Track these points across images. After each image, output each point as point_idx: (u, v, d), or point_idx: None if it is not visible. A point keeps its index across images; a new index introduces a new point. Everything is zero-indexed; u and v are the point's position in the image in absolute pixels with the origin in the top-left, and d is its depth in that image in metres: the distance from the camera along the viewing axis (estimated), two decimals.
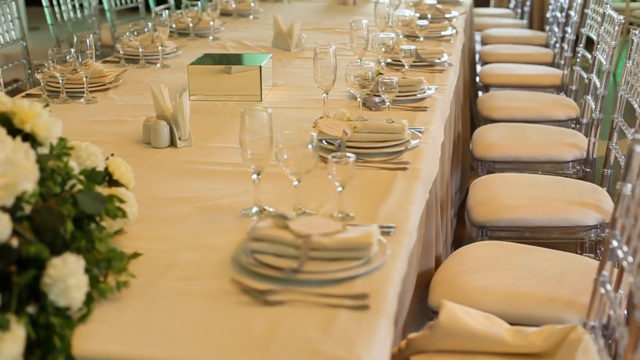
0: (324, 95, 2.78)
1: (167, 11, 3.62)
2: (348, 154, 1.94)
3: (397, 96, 2.94)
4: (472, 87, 5.34)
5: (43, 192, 1.55)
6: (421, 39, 3.98)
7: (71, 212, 1.58)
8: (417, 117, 2.78)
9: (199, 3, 4.38)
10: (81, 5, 4.95)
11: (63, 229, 1.54)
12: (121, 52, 3.69)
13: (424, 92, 3.04)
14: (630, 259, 1.67)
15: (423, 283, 2.43)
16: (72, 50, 2.98)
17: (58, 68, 2.98)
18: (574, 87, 4.44)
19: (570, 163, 3.54)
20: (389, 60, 3.47)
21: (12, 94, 2.94)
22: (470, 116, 4.91)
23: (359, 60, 3.33)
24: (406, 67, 3.33)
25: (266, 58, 3.20)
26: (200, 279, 1.67)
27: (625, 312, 1.94)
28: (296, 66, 3.67)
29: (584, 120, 3.78)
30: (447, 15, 4.79)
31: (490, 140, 3.66)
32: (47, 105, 1.68)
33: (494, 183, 3.15)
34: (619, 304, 1.82)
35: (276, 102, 3.05)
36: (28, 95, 3.15)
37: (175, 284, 1.66)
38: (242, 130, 1.95)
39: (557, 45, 5.30)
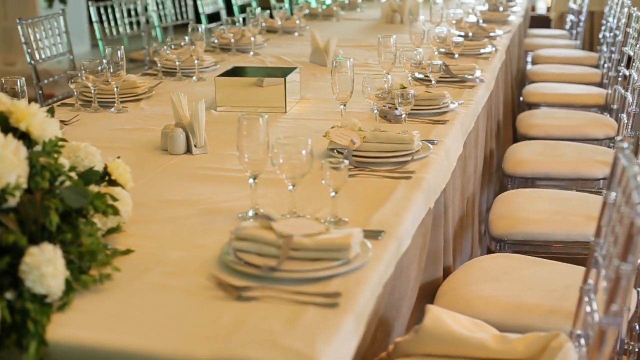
0: (342, 107, 2.83)
1: (202, 26, 3.71)
2: (342, 160, 1.98)
3: (418, 109, 2.99)
4: (517, 106, 5.33)
5: (32, 186, 1.63)
6: (456, 55, 4.00)
7: (59, 206, 1.65)
8: (434, 130, 2.81)
9: (241, 19, 4.47)
10: (135, 22, 5.11)
11: (48, 222, 1.61)
12: (159, 65, 3.79)
13: (447, 106, 3.06)
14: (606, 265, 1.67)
15: (430, 292, 2.45)
16: (105, 61, 3.08)
17: (90, 78, 3.09)
18: (615, 106, 4.40)
19: (601, 181, 3.52)
20: (420, 76, 3.50)
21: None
22: (513, 134, 4.89)
23: (387, 75, 3.36)
24: (433, 81, 3.36)
25: (293, 72, 3.26)
26: (183, 275, 1.72)
27: None
28: (328, 81, 3.71)
29: (618, 139, 3.74)
30: (491, 34, 4.79)
31: (521, 157, 3.66)
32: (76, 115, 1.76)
33: (516, 198, 3.15)
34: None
35: (300, 114, 3.11)
36: (63, 105, 3.27)
37: (158, 278, 1.71)
38: (239, 136, 2.01)
39: (605, 65, 5.25)
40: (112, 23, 4.99)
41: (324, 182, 1.99)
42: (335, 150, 2.49)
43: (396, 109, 2.96)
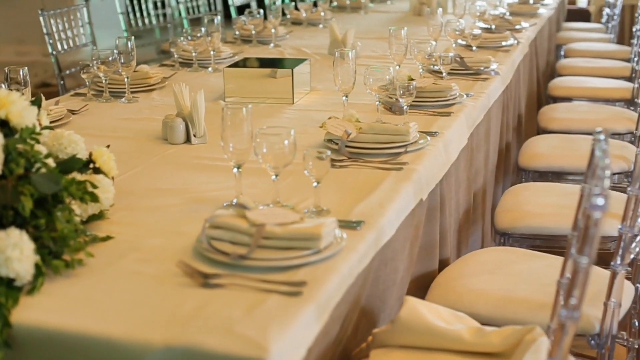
0: (344, 98, 2.83)
1: (218, 17, 3.73)
2: (325, 151, 1.99)
3: (424, 101, 2.99)
4: (544, 100, 5.27)
5: (5, 172, 1.66)
6: (474, 48, 3.97)
7: (33, 192, 1.68)
8: (436, 122, 2.79)
9: (261, 11, 4.48)
10: (162, 15, 5.16)
11: (21, 207, 1.64)
12: (176, 55, 3.83)
13: (455, 99, 3.04)
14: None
15: (425, 284, 2.44)
16: (115, 51, 3.12)
17: (102, 68, 3.12)
18: (639, 100, 4.34)
19: (616, 175, 3.47)
20: (436, 68, 3.48)
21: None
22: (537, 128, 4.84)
23: (397, 66, 3.36)
24: (444, 73, 3.34)
25: (302, 63, 3.26)
26: (156, 262, 1.74)
27: None
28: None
29: (638, 133, 3.69)
30: (517, 27, 4.75)
31: (536, 151, 3.63)
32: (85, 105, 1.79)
33: (524, 191, 3.12)
34: None
35: (307, 105, 3.12)
36: (76, 94, 3.32)
37: (131, 265, 1.74)
38: (223, 125, 2.02)
39: (635, 59, 5.16)
40: (138, 14, 5.04)
41: (306, 172, 1.99)
42: (332, 141, 2.50)
43: (397, 100, 2.95)
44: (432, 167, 2.43)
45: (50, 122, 2.71)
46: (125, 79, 3.18)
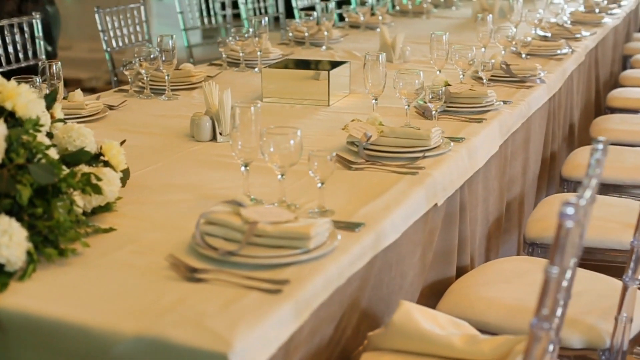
0: (374, 101, 2.83)
1: (266, 19, 3.77)
2: (330, 152, 2.00)
3: (458, 107, 2.97)
4: (603, 111, 5.16)
5: (5, 162, 1.72)
6: (523, 55, 3.92)
7: (33, 181, 1.73)
8: (466, 128, 2.77)
9: (314, 13, 4.51)
10: (230, 15, 5.24)
11: (18, 195, 1.70)
12: (224, 55, 3.88)
13: (492, 105, 3.01)
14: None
15: (440, 291, 2.42)
16: (157, 49, 3.18)
17: (144, 65, 3.19)
18: None
19: None
20: (480, 74, 3.45)
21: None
22: None
23: (438, 72, 3.34)
24: (484, 80, 3.31)
25: (341, 65, 3.28)
26: (150, 255, 1.77)
27: None
28: (388, 76, 3.71)
29: None
30: (576, 35, 4.67)
31: (580, 161, 3.56)
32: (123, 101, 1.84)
33: (558, 201, 3.07)
34: None
35: (343, 107, 3.12)
36: (120, 90, 3.39)
37: (125, 257, 1.77)
38: (232, 124, 2.05)
39: None
40: (205, 14, 5.11)
41: (311, 173, 2.00)
42: (353, 144, 2.50)
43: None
44: (450, 173, 2.41)
45: (86, 117, 2.81)
46: (166, 77, 3.24)
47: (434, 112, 2.73)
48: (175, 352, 1.44)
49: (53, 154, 1.82)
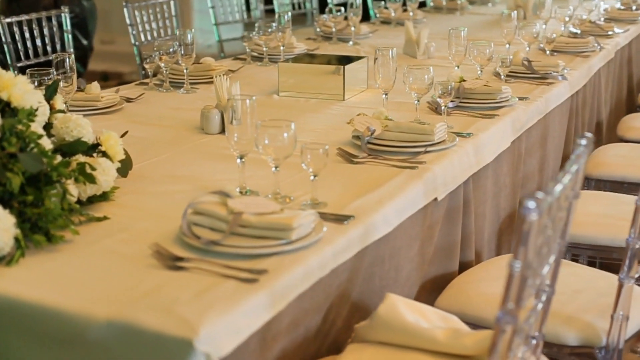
0: (384, 96, 2.84)
1: (289, 14, 3.79)
2: (322, 145, 2.01)
3: (471, 102, 2.96)
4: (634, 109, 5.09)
5: None
6: (547, 52, 3.89)
7: (24, 170, 1.78)
8: (476, 123, 2.76)
9: (342, 9, 4.51)
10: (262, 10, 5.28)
11: (9, 183, 1.74)
12: (248, 49, 3.91)
13: (505, 101, 3.00)
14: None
15: (442, 286, 2.43)
16: (176, 43, 3.23)
17: (163, 59, 3.24)
18: None
19: None
20: (498, 70, 3.44)
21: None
22: None
23: (456, 68, 3.33)
24: (502, 76, 3.29)
25: (358, 61, 3.29)
26: (138, 243, 1.80)
27: None
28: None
29: None
30: (608, 33, 4.61)
31: (602, 159, 3.53)
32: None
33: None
34: None
35: (358, 102, 3.13)
36: (141, 83, 3.44)
37: (113, 245, 1.81)
38: (226, 117, 2.08)
39: None
40: (235, 8, 5.15)
41: (303, 165, 2.02)
42: (358, 138, 2.51)
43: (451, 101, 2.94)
44: (453, 168, 2.41)
45: (102, 109, 2.85)
46: (185, 70, 3.28)
47: (443, 108, 2.73)
48: (144, 336, 1.47)
49: (47, 143, 1.87)
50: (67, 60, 2.65)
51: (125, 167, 2.22)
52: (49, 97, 2.09)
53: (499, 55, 3.32)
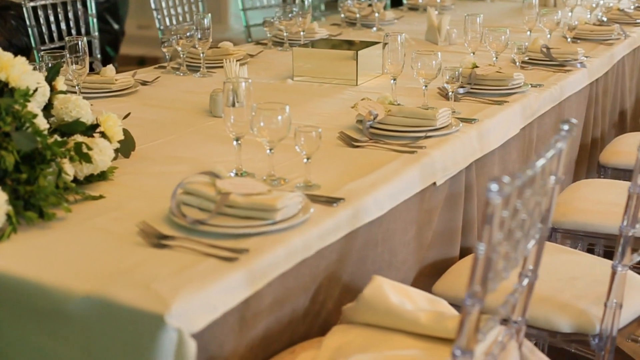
0: (392, 81, 2.84)
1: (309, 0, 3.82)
2: (315, 128, 2.04)
3: (482, 89, 2.96)
4: None
5: None
6: (569, 39, 3.86)
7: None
8: (484, 110, 2.76)
9: None
10: None
11: (2, 161, 1.80)
12: (268, 34, 3.94)
13: (518, 88, 2.99)
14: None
15: (442, 270, 2.44)
16: (193, 27, 3.27)
17: (180, 43, 3.28)
18: None
19: None
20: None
21: None
22: None
23: (472, 54, 3.32)
24: (517, 63, 3.29)
25: (372, 46, 3.30)
26: (128, 222, 1.84)
27: None
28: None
29: None
30: (637, 21, 4.56)
31: (620, 148, 3.50)
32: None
33: (585, 187, 3.04)
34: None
35: (371, 87, 3.15)
36: (160, 67, 3.49)
37: (104, 223, 1.85)
38: (223, 99, 2.11)
39: None
40: None
41: (297, 148, 2.05)
42: (361, 122, 2.53)
43: (461, 87, 2.95)
44: (454, 153, 2.41)
45: (116, 91, 2.91)
46: (201, 55, 3.32)
47: (450, 93, 2.74)
48: (119, 311, 1.51)
49: (42, 123, 1.91)
50: (80, 43, 2.70)
51: (127, 148, 2.27)
52: (51, 78, 2.14)
53: (515, 42, 3.30)
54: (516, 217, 1.53)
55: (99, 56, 4.08)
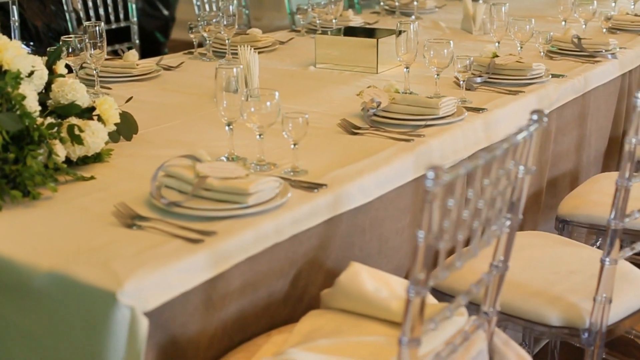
0: (405, 70, 2.84)
1: None
2: (302, 114, 2.06)
3: (500, 78, 2.94)
4: None
5: None
6: (604, 29, 3.79)
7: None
8: (497, 99, 2.74)
9: None
10: None
11: None
12: (302, 22, 3.96)
13: (537, 78, 2.96)
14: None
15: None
16: (220, 14, 3.31)
17: (206, 29, 3.33)
18: None
19: None
20: (538, 47, 3.38)
21: None
22: None
23: (497, 44, 3.29)
24: (542, 53, 3.25)
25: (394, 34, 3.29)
26: (109, 203, 1.88)
27: None
28: (461, 48, 3.71)
29: None
30: None
31: None
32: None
33: (604, 179, 2.99)
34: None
35: (391, 75, 3.14)
36: (189, 52, 3.55)
37: (86, 203, 1.90)
38: (217, 85, 2.14)
39: None
40: None
41: (284, 134, 2.07)
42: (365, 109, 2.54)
43: (474, 75, 2.94)
44: (454, 142, 2.41)
45: (136, 76, 2.97)
46: (226, 41, 3.36)
47: (462, 82, 2.72)
48: (78, 288, 1.56)
49: (34, 105, 1.97)
50: (98, 29, 2.76)
51: (129, 131, 2.33)
52: (52, 62, 2.21)
53: (540, 32, 3.26)
54: (470, 205, 1.53)
55: (137, 41, 4.16)
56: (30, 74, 2.07)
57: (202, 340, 1.75)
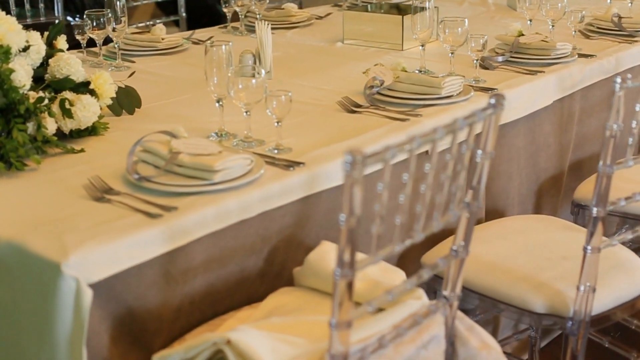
0: (421, 47, 2.81)
1: None
2: (286, 92, 2.07)
3: (522, 58, 2.89)
4: None
5: None
6: (630, 4, 3.68)
7: None
8: (512, 79, 2.69)
9: None
10: None
11: None
12: None
13: (563, 58, 2.89)
14: None
15: (435, 239, 2.41)
16: None
17: (239, 3, 3.37)
18: None
19: None
20: (569, 25, 3.30)
21: None
22: None
23: (529, 21, 3.23)
24: (573, 32, 3.17)
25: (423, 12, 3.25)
26: (90, 175, 1.93)
27: None
28: (494, 24, 3.64)
29: None
30: None
31: None
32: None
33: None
34: None
35: (415, 52, 3.11)
36: (223, 27, 3.58)
37: (67, 175, 1.96)
38: (207, 61, 2.17)
39: None
40: None
41: (268, 111, 2.09)
42: (371, 87, 2.53)
43: (497, 54, 2.89)
44: None
45: (162, 49, 3.03)
46: (257, 15, 3.38)
47: (475, 61, 2.69)
48: (30, 258, 1.61)
49: (23, 78, 2.04)
50: (119, 3, 2.82)
51: (131, 105, 2.38)
52: (52, 37, 2.27)
53: (573, 11, 3.17)
54: (406, 190, 1.53)
55: (184, 14, 4.22)
56: (26, 48, 2.13)
57: (165, 313, 1.79)
